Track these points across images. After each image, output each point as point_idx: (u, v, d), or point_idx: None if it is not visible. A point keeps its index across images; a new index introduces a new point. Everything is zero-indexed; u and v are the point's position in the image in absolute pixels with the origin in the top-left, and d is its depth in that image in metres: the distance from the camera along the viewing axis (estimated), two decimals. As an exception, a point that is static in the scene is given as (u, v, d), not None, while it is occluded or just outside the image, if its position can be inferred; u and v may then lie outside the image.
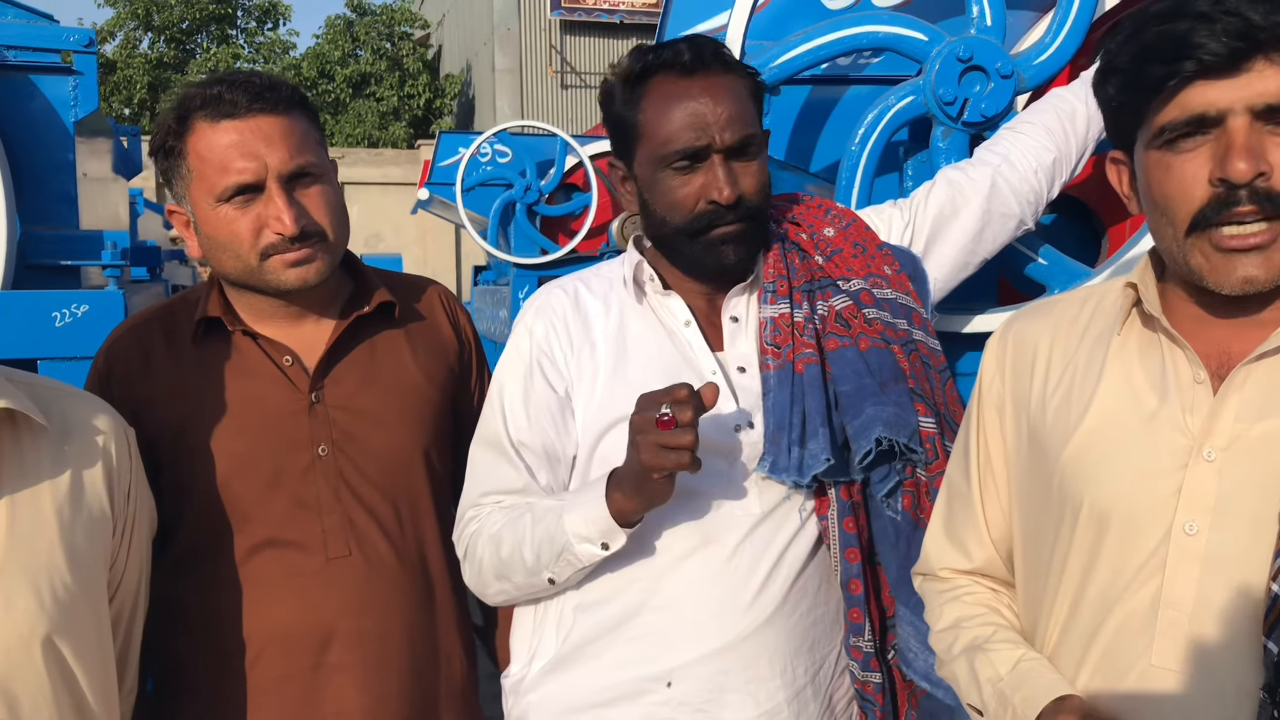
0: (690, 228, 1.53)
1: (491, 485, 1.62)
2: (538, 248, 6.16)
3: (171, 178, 1.63)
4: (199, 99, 1.58)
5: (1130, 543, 1.14)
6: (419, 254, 17.81)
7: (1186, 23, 1.04)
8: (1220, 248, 1.07)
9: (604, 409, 1.56)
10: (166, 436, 1.62)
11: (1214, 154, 1.06)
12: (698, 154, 1.50)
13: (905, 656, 1.54)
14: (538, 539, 1.51)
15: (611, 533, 1.46)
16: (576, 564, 1.50)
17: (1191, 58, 1.03)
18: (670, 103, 1.51)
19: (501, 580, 1.59)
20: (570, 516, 1.49)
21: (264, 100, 1.57)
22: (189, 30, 25.28)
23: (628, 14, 20.51)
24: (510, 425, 1.60)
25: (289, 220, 1.56)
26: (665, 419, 1.34)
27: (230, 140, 1.56)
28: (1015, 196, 1.81)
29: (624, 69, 1.57)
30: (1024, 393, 1.29)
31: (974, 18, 1.95)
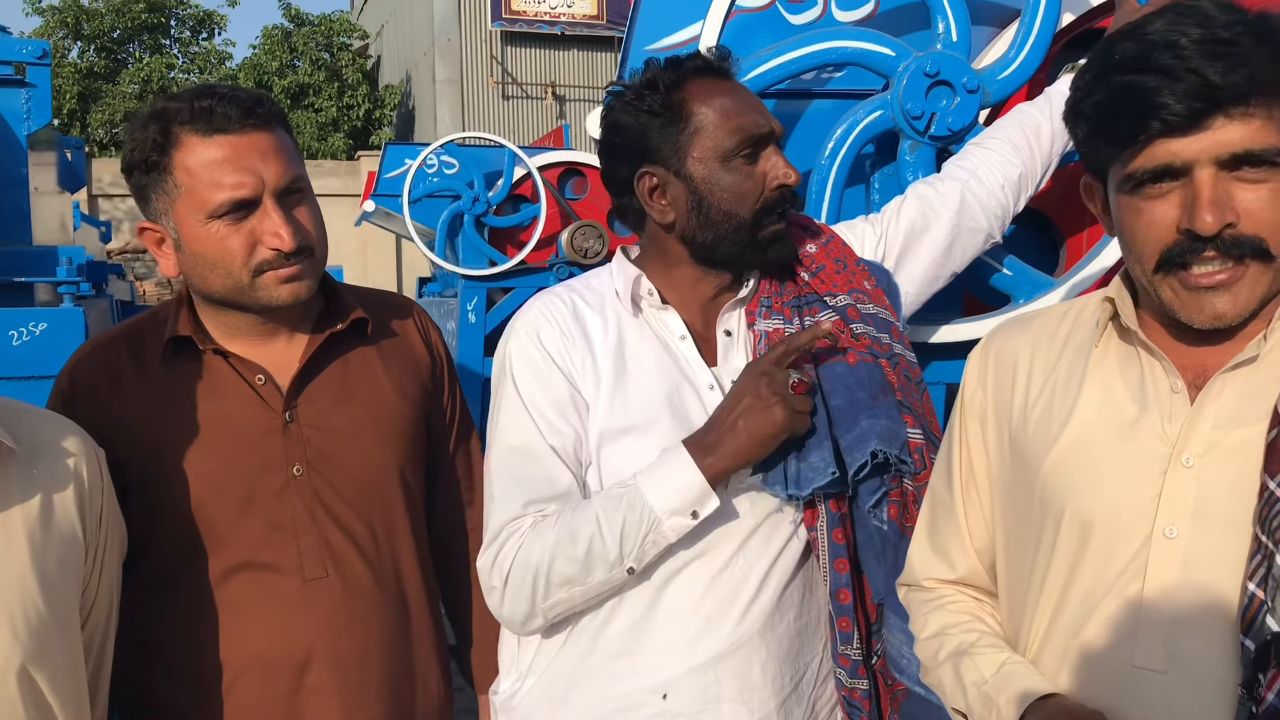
0: (757, 218, 1.57)
1: (533, 494, 1.55)
2: (486, 259, 6.14)
3: (150, 194, 1.58)
4: (185, 112, 1.54)
5: (1112, 547, 1.16)
6: (359, 266, 17.63)
7: (1151, 78, 1.06)
8: (1188, 286, 1.11)
9: (607, 421, 1.56)
10: (136, 458, 1.58)
11: (1182, 202, 1.09)
12: (761, 140, 1.57)
13: (897, 663, 1.55)
14: (617, 528, 1.48)
15: (704, 498, 1.47)
16: (664, 543, 1.49)
17: (1155, 117, 1.06)
18: (721, 97, 1.57)
19: (567, 587, 1.50)
20: (655, 493, 1.47)
21: (255, 115, 1.55)
22: (120, 40, 24.76)
23: (568, 25, 20.52)
24: (544, 428, 1.56)
25: (287, 236, 1.54)
26: (799, 383, 1.48)
27: (224, 155, 1.53)
28: (983, 211, 1.84)
29: (649, 78, 1.60)
30: (1006, 404, 1.32)
31: (940, 33, 1.98)
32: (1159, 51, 1.06)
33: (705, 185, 1.57)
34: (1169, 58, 1.05)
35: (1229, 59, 1.03)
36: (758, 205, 1.56)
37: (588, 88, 21.12)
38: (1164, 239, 1.10)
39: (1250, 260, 1.08)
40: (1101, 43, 1.16)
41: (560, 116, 20.71)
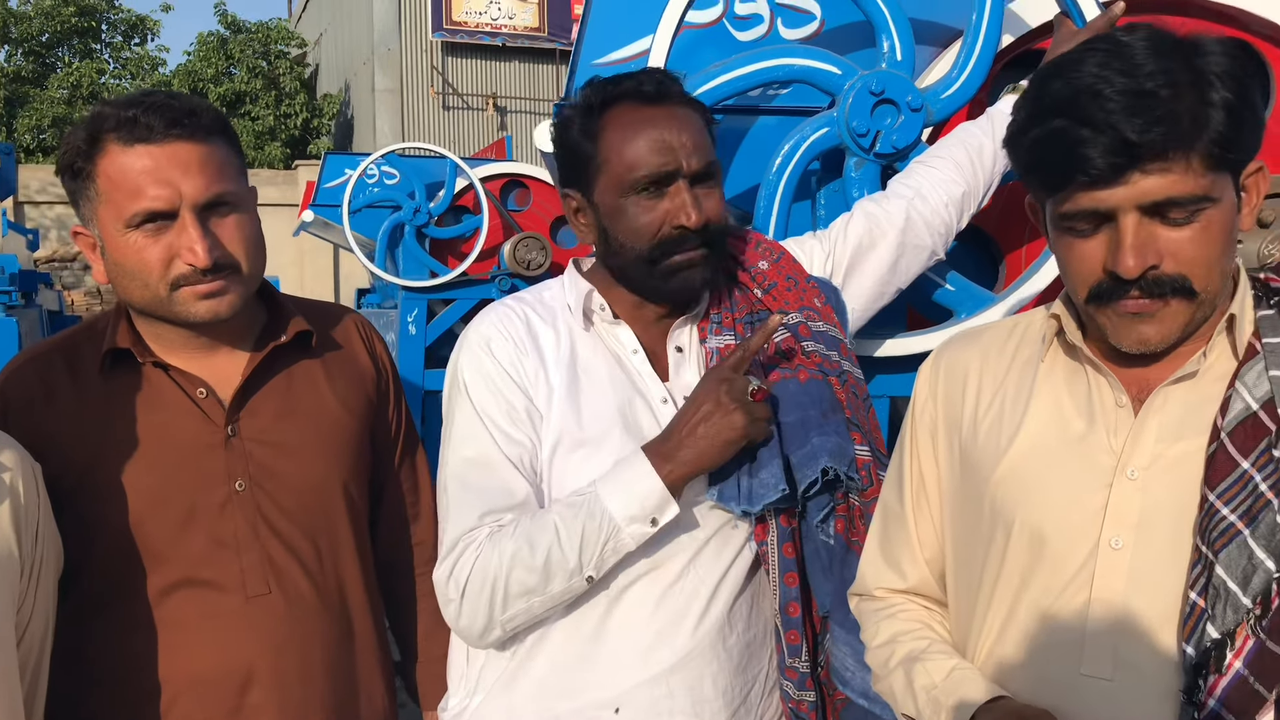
0: (653, 254, 1.55)
1: (490, 504, 1.54)
2: (427, 270, 6.10)
3: (78, 199, 1.56)
4: (113, 120, 1.51)
5: (1060, 557, 1.20)
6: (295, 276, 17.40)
7: (1076, 129, 1.09)
8: (1118, 312, 1.15)
9: (559, 434, 1.55)
10: (71, 474, 1.54)
11: (1108, 244, 1.13)
12: (664, 179, 1.53)
13: (842, 676, 1.57)
14: (576, 536, 1.47)
15: (664, 505, 1.47)
16: (623, 550, 1.48)
17: (1080, 170, 1.10)
18: (635, 130, 1.54)
19: (526, 597, 1.49)
20: (613, 501, 1.47)
21: (182, 125, 1.52)
22: (49, 43, 24.23)
23: (510, 36, 20.50)
24: (499, 438, 1.55)
25: (201, 251, 1.51)
26: (758, 390, 1.48)
27: (144, 165, 1.49)
28: (928, 229, 1.87)
29: (583, 99, 1.58)
30: (956, 416, 1.35)
31: (885, 52, 2.01)
32: (1086, 99, 1.09)
33: (607, 216, 1.58)
34: (1094, 109, 1.09)
35: (1147, 114, 1.07)
36: (654, 241, 1.54)
37: (529, 99, 21.10)
38: (1092, 276, 1.15)
39: (1171, 298, 1.13)
40: (1040, 73, 1.19)
41: (501, 128, 20.67)
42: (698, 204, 1.53)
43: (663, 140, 1.52)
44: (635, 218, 1.54)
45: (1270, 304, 1.19)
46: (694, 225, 1.52)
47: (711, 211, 1.55)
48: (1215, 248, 1.12)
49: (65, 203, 20.38)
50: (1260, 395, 1.12)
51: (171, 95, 1.56)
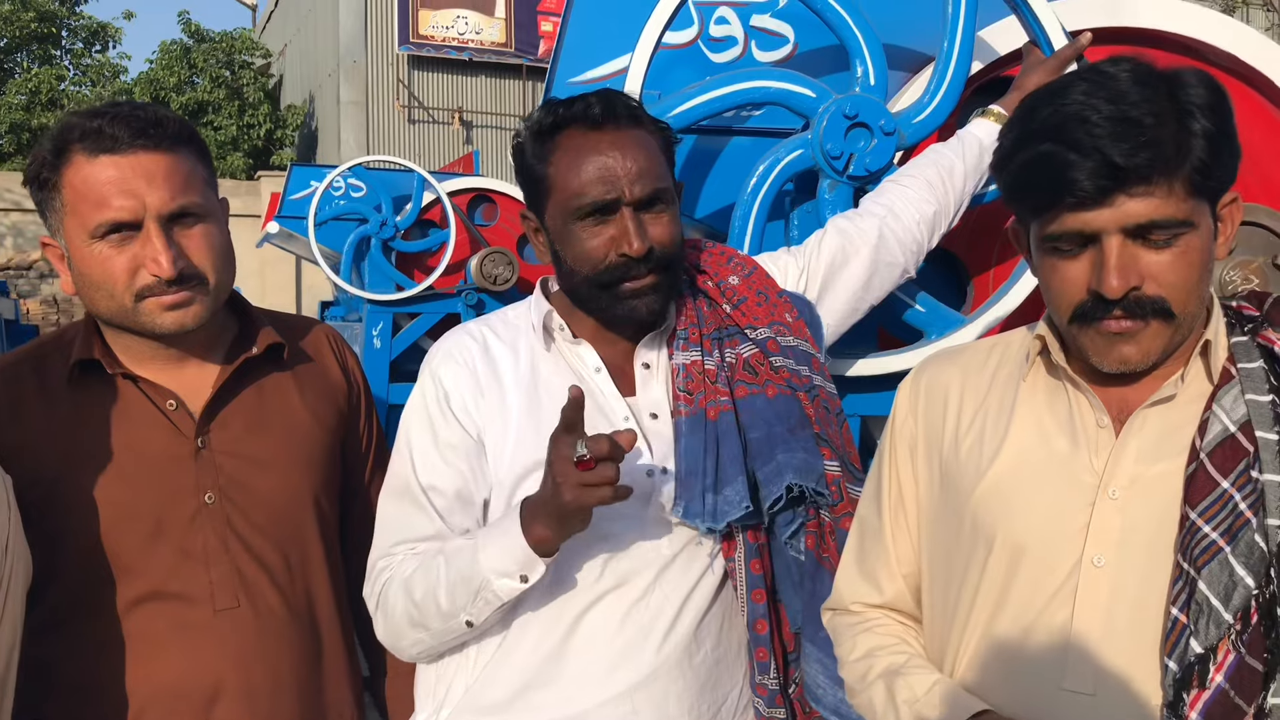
0: (600, 279, 1.54)
1: (402, 535, 1.58)
2: (393, 284, 6.07)
3: (45, 210, 1.56)
4: (78, 130, 1.51)
5: (1042, 574, 1.22)
6: (257, 287, 17.25)
7: (1063, 153, 1.13)
8: (1101, 332, 1.19)
9: (517, 456, 1.55)
10: (39, 486, 1.53)
11: (1092, 265, 1.17)
12: (607, 207, 1.52)
13: (814, 693, 1.57)
14: (452, 580, 1.49)
15: (530, 564, 1.45)
16: (495, 601, 1.48)
17: (1067, 192, 1.14)
18: (579, 156, 1.52)
19: (417, 629, 1.54)
20: (486, 553, 1.47)
21: (147, 136, 1.51)
22: (8, 48, 23.87)
23: (476, 52, 20.49)
24: (419, 470, 1.57)
25: (165, 263, 1.50)
26: (584, 460, 1.36)
27: (108, 176, 1.49)
28: (900, 247, 1.90)
29: (534, 122, 1.58)
30: (936, 433, 1.37)
31: (858, 77, 2.05)
32: (1073, 125, 1.13)
33: (557, 240, 1.58)
34: (1081, 133, 1.13)
35: (1133, 140, 1.11)
36: (600, 268, 1.54)
37: (495, 114, 21.09)
38: (1076, 296, 1.19)
39: (1152, 318, 1.16)
40: (1025, 101, 1.23)
41: (467, 142, 20.63)
42: (641, 231, 1.52)
43: (606, 167, 1.51)
44: (581, 243, 1.54)
45: (1243, 330, 1.23)
46: (635, 254, 1.51)
47: (660, 236, 1.54)
48: (1194, 272, 1.16)
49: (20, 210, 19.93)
50: (1237, 418, 1.16)
51: (138, 106, 1.56)
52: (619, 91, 1.61)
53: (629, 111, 1.56)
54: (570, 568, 1.53)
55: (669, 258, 1.56)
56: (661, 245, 1.54)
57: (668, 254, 1.56)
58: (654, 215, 1.54)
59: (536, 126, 1.57)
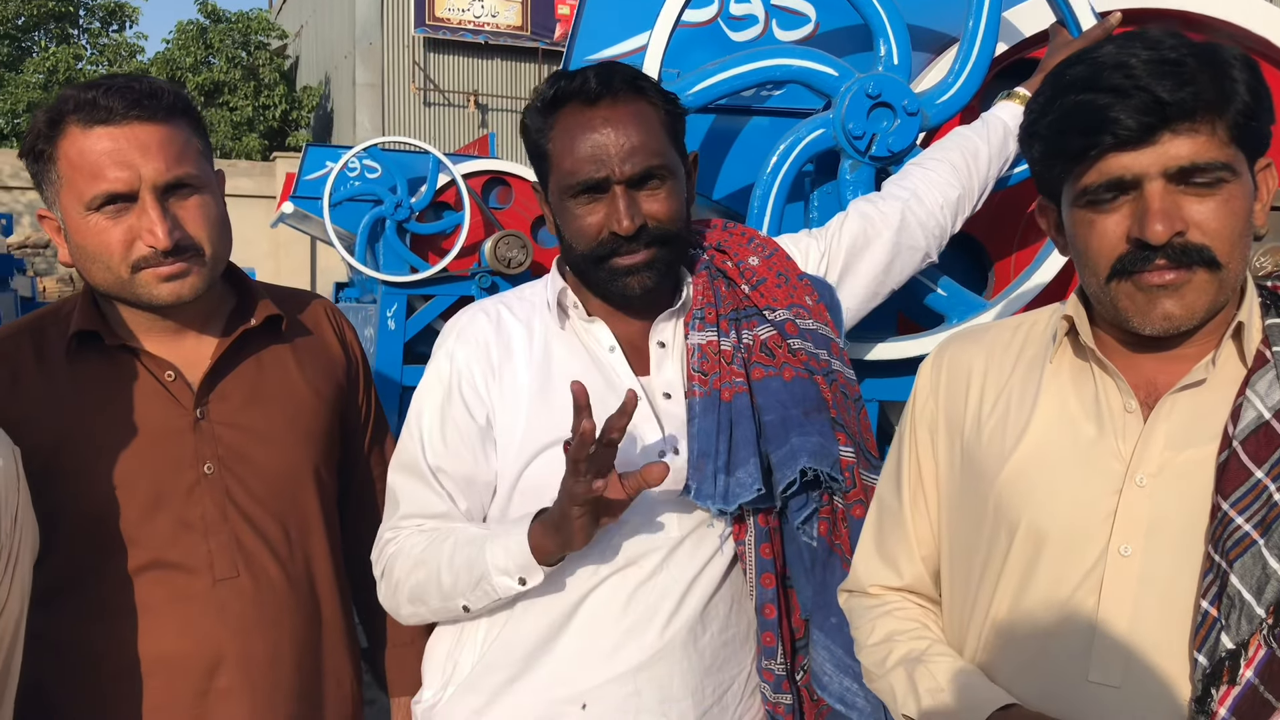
0: (593, 255, 1.53)
1: (411, 509, 1.60)
2: (407, 265, 6.06)
3: (42, 182, 1.55)
4: (73, 102, 1.50)
5: (1067, 562, 1.19)
6: (271, 268, 17.27)
7: (1103, 97, 1.10)
8: (1141, 287, 1.14)
9: (528, 437, 1.54)
10: (38, 458, 1.51)
11: (1133, 213, 1.13)
12: (598, 185, 1.50)
13: (820, 680, 1.56)
14: (457, 565, 1.50)
15: (529, 568, 1.47)
16: (493, 595, 1.50)
17: (1108, 132, 1.10)
18: (574, 133, 1.51)
19: (416, 603, 1.58)
20: (493, 547, 1.48)
21: (142, 107, 1.50)
22: (25, 27, 23.96)
23: (492, 35, 20.44)
24: (428, 451, 1.58)
25: (161, 233, 1.49)
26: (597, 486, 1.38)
27: (104, 147, 1.48)
28: (923, 230, 1.87)
29: (538, 96, 1.56)
30: (958, 414, 1.34)
31: (881, 56, 2.01)
32: (1110, 72, 1.10)
33: (557, 215, 1.58)
34: (1120, 77, 1.09)
35: (1176, 78, 1.08)
36: (593, 245, 1.53)
37: (510, 97, 21.04)
38: (1116, 248, 1.14)
39: (1197, 267, 1.12)
40: (1054, 68, 1.19)
41: (482, 125, 20.61)
42: (633, 210, 1.49)
43: (597, 145, 1.49)
44: (575, 220, 1.53)
45: (1278, 312, 1.19)
46: (624, 233, 1.49)
47: (656, 211, 1.51)
48: (1237, 222, 1.12)
49: None
50: (1273, 404, 1.12)
51: (133, 78, 1.55)
52: (622, 64, 1.58)
53: (628, 84, 1.53)
54: None
55: (665, 233, 1.53)
56: (656, 220, 1.52)
57: (663, 229, 1.53)
58: (649, 191, 1.52)
59: (539, 101, 1.56)
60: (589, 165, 1.49)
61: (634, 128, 1.50)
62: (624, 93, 1.52)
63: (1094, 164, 1.13)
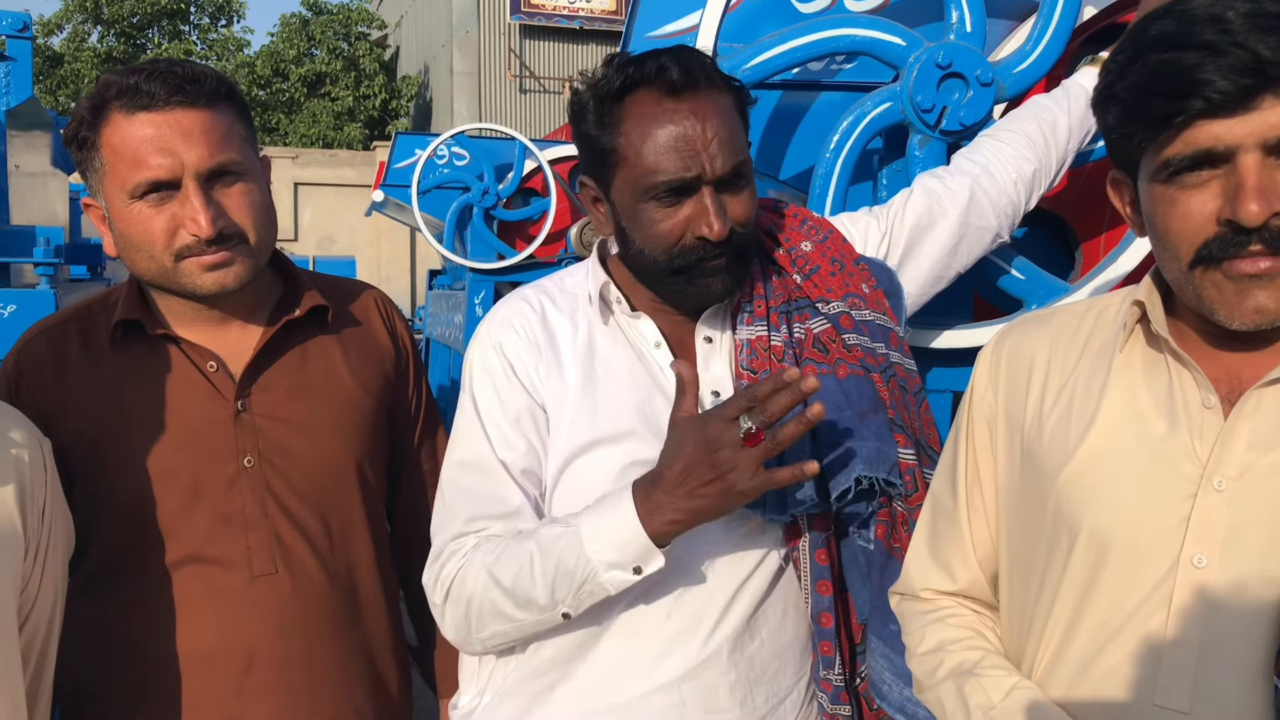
0: (674, 264, 1.42)
1: (478, 510, 1.47)
2: (494, 252, 6.08)
3: (86, 170, 1.53)
4: (115, 88, 1.47)
5: (1133, 573, 1.07)
6: (372, 257, 17.62)
7: (1193, 55, 0.97)
8: (1231, 275, 1.01)
9: (573, 434, 1.45)
10: (80, 447, 1.52)
11: (1223, 191, 1.00)
12: (686, 186, 1.38)
13: (879, 689, 1.46)
14: (550, 571, 1.37)
15: (647, 555, 1.33)
16: (602, 594, 1.37)
17: (1198, 95, 0.97)
18: (655, 127, 1.37)
19: (500, 620, 1.43)
20: (594, 544, 1.34)
21: (184, 93, 1.47)
22: (139, 25, 24.85)
23: (587, 20, 20.47)
24: (495, 442, 1.47)
25: (204, 221, 1.46)
26: (752, 433, 1.25)
27: (146, 134, 1.46)
28: (993, 209, 1.74)
29: (599, 83, 1.43)
30: (1018, 407, 1.22)
31: (953, 23, 1.89)
32: (1202, 26, 0.97)
33: (625, 216, 1.45)
34: (1214, 32, 0.96)
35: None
36: (673, 251, 1.41)
37: (605, 83, 21.07)
38: (1202, 232, 1.01)
39: None
40: (1137, 22, 1.06)
41: (577, 111, 20.67)
42: (722, 213, 1.38)
43: (686, 141, 1.36)
44: (653, 224, 1.40)
45: None
46: (717, 238, 1.38)
47: (740, 215, 1.41)
48: None
49: None
50: None
51: (175, 63, 1.52)
52: (696, 49, 1.47)
53: (708, 74, 1.41)
54: None
55: (747, 239, 1.44)
56: (741, 225, 1.41)
57: (746, 235, 1.43)
58: (734, 193, 1.41)
59: (603, 89, 1.42)
60: (677, 162, 1.36)
61: (721, 121, 1.38)
62: (705, 82, 1.40)
63: (1179, 132, 1.00)
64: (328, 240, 17.68)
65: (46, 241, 2.26)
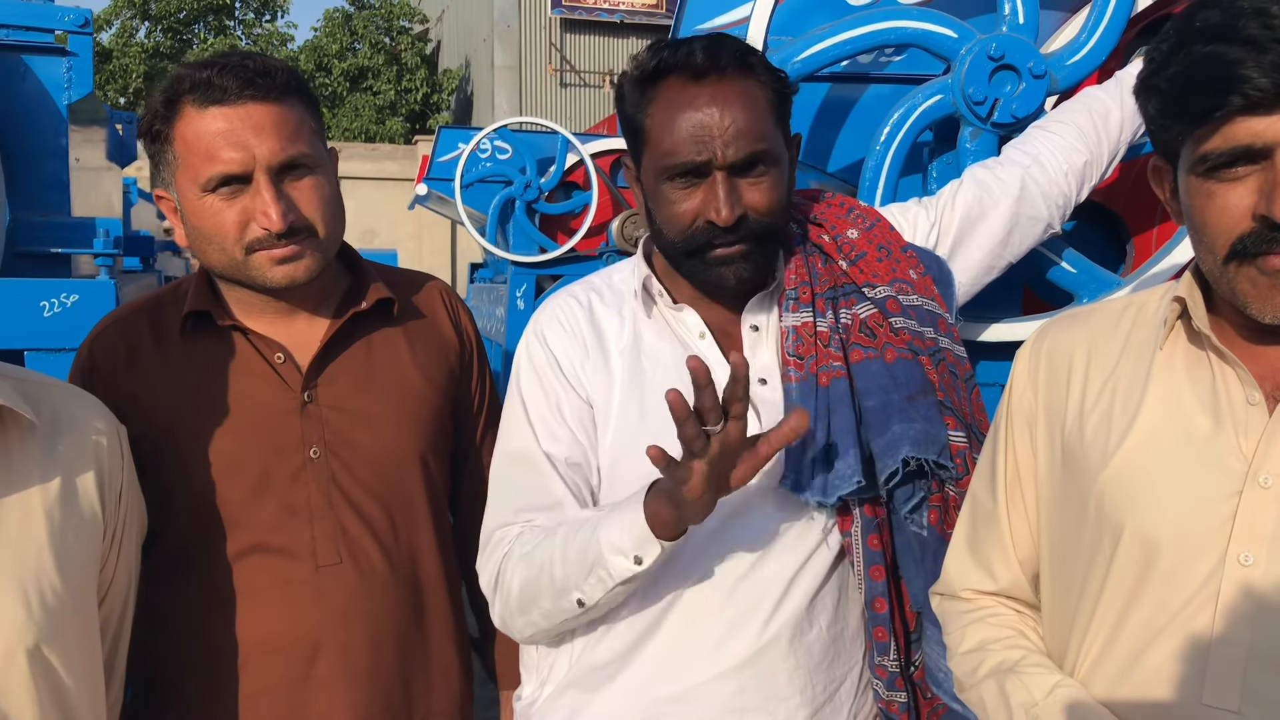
0: (686, 245, 1.44)
1: (524, 501, 1.50)
2: (536, 246, 6.10)
3: (158, 163, 1.56)
4: (188, 81, 1.50)
5: (1179, 572, 1.07)
6: (414, 250, 17.72)
7: (1235, 49, 0.97)
8: (1265, 271, 1.02)
9: (620, 428, 1.48)
10: (151, 435, 1.55)
11: (1260, 187, 1.00)
12: (698, 169, 1.41)
13: (935, 676, 1.47)
14: (570, 555, 1.40)
15: (646, 543, 1.35)
16: (608, 581, 1.38)
17: (1237, 92, 0.97)
18: (675, 110, 1.40)
19: (527, 609, 1.46)
20: (607, 526, 1.38)
21: (256, 86, 1.49)
22: (186, 20, 25.16)
23: (628, 14, 20.46)
24: (540, 435, 1.50)
25: (275, 215, 1.49)
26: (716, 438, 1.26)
27: (218, 128, 1.48)
28: (1044, 200, 1.74)
29: (637, 66, 1.47)
30: (1059, 405, 1.22)
31: (1005, 15, 1.88)
32: (1246, 19, 0.97)
33: (649, 196, 1.48)
34: (1256, 27, 0.96)
35: None
36: (685, 233, 1.43)
37: (646, 76, 21.06)
38: (1238, 226, 1.02)
39: None
40: (1183, 11, 1.06)
41: (617, 105, 20.68)
42: (733, 199, 1.39)
43: (701, 125, 1.38)
44: (669, 205, 1.43)
45: None
46: (723, 223, 1.39)
47: (757, 203, 1.41)
48: None
49: None
50: None
51: (247, 55, 1.54)
52: (731, 37, 1.48)
53: (737, 60, 1.43)
54: None
55: (765, 228, 1.44)
56: (757, 213, 1.42)
57: (763, 224, 1.43)
58: (752, 180, 1.42)
59: (639, 72, 1.46)
60: (690, 146, 1.39)
61: (741, 108, 1.40)
62: (732, 69, 1.42)
63: (1218, 127, 1.00)
64: (370, 233, 17.83)
65: (106, 233, 2.31)
